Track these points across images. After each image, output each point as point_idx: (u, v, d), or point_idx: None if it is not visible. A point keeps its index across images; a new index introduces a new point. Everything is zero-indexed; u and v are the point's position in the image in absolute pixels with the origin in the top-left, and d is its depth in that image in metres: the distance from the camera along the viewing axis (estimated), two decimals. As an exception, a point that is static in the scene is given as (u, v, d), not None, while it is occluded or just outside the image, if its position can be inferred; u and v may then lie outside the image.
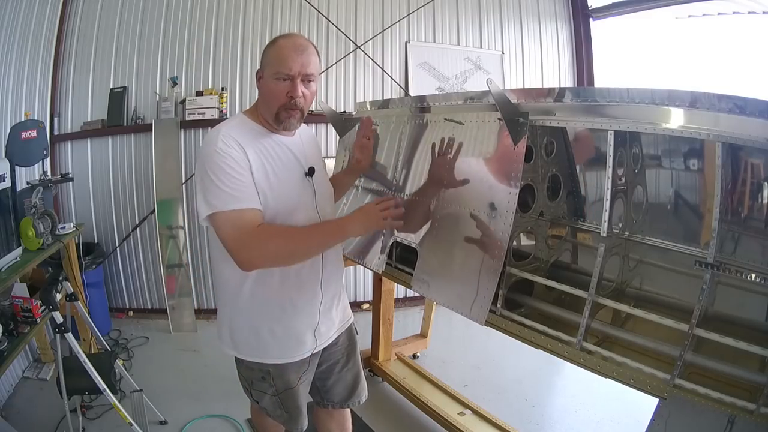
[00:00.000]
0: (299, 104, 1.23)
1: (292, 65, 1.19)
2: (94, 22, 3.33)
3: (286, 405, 1.43)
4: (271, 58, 1.23)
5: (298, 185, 1.29)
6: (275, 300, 1.30)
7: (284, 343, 1.34)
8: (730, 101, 0.99)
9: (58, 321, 1.86)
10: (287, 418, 1.47)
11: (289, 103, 1.22)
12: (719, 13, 3.27)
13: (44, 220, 2.34)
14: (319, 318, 1.38)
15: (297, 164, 1.30)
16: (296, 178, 1.29)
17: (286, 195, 1.25)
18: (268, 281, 1.28)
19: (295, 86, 1.21)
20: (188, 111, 3.31)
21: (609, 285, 1.43)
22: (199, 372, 2.74)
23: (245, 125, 1.26)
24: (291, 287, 1.31)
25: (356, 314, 1.69)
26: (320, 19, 3.52)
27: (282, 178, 1.25)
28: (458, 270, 1.56)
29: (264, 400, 1.44)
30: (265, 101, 1.25)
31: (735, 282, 1.15)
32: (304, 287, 1.33)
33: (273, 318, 1.31)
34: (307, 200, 1.31)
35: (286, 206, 1.24)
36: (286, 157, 1.28)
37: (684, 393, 1.06)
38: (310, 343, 1.38)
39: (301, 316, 1.35)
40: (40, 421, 2.22)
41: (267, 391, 1.41)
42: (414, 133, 1.85)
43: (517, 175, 1.39)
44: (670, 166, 1.48)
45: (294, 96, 1.21)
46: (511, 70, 3.96)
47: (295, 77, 1.20)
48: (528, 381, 2.67)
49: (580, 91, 1.32)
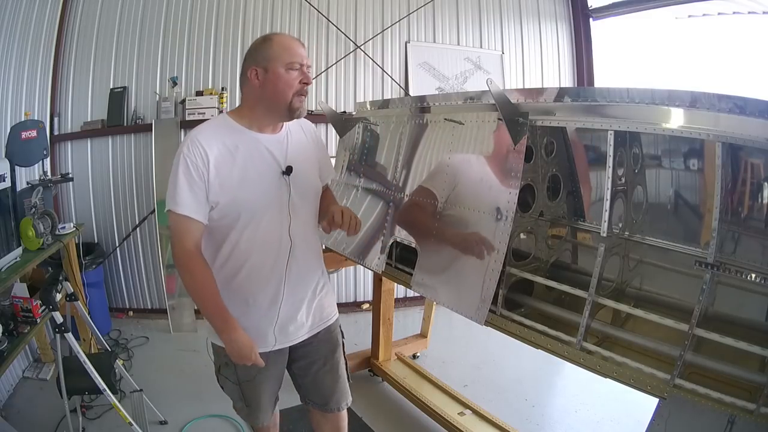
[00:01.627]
0: (307, 90, 1.33)
1: (302, 54, 1.30)
2: (94, 22, 3.33)
3: (246, 396, 1.49)
4: (276, 53, 1.28)
5: (272, 184, 1.32)
6: (239, 292, 1.35)
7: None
8: (730, 101, 0.99)
9: (58, 321, 1.86)
10: (247, 412, 1.53)
11: (302, 89, 1.30)
12: (719, 13, 3.27)
13: (44, 220, 2.34)
14: (278, 317, 1.39)
15: (273, 163, 1.33)
16: (269, 177, 1.32)
17: (253, 193, 1.29)
18: (235, 274, 1.34)
19: (305, 74, 1.30)
20: (188, 111, 3.31)
21: (609, 285, 1.43)
22: (199, 372, 2.73)
23: (223, 126, 1.32)
24: (253, 283, 1.35)
25: (356, 314, 1.69)
26: (320, 19, 3.52)
27: (251, 177, 1.29)
28: (458, 270, 1.56)
29: (227, 387, 1.50)
30: (275, 93, 1.29)
31: (735, 282, 1.15)
32: (266, 286, 1.37)
33: (237, 309, 1.33)
34: (280, 199, 1.34)
35: (253, 204, 1.30)
36: (261, 156, 1.32)
37: (684, 393, 1.06)
38: (271, 340, 1.41)
39: (260, 312, 1.38)
40: (40, 421, 2.22)
41: (230, 378, 1.47)
42: (414, 133, 1.85)
43: (517, 175, 1.39)
44: (670, 166, 1.48)
45: (308, 82, 1.31)
46: (511, 70, 3.96)
47: (303, 65, 1.30)
48: (528, 381, 2.67)
49: (580, 91, 1.32)
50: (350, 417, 2.10)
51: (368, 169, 2.04)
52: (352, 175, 2.16)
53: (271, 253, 1.35)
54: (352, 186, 2.15)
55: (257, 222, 1.31)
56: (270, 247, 1.34)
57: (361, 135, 2.18)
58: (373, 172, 2.00)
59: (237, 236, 1.31)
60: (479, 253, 1.49)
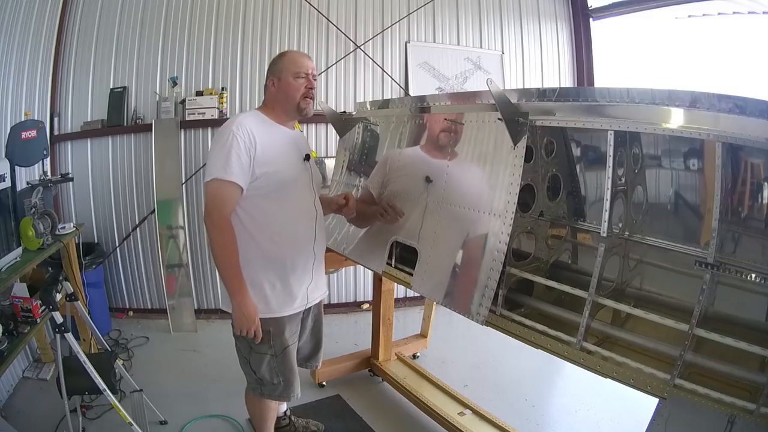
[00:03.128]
0: (313, 94, 1.63)
1: (307, 66, 1.63)
2: (94, 22, 3.33)
3: (282, 369, 1.67)
4: (287, 65, 1.62)
5: (299, 164, 1.65)
6: (277, 257, 1.58)
7: (281, 298, 1.61)
8: (730, 101, 1.00)
9: (58, 321, 1.86)
10: (283, 387, 1.69)
11: (308, 92, 1.61)
12: (719, 13, 3.27)
13: (44, 220, 2.34)
14: (312, 276, 1.67)
15: (297, 150, 1.65)
16: (297, 159, 1.64)
17: (289, 166, 1.60)
18: (273, 240, 1.57)
19: (310, 80, 1.62)
20: (188, 111, 3.30)
21: (609, 285, 1.43)
22: (199, 372, 2.74)
23: (258, 117, 1.61)
24: (290, 247, 1.61)
25: (356, 314, 1.73)
26: (320, 19, 3.52)
27: (286, 154, 1.60)
28: (458, 270, 1.56)
29: (263, 366, 1.65)
30: (286, 97, 1.61)
31: (735, 282, 1.15)
32: (301, 248, 1.64)
33: (275, 273, 1.59)
34: (305, 177, 1.66)
35: (288, 177, 1.58)
36: (289, 142, 1.64)
37: (684, 393, 1.06)
38: (301, 299, 1.66)
39: (297, 273, 1.63)
40: (40, 421, 2.22)
41: (267, 352, 1.63)
42: (414, 133, 1.86)
43: (517, 175, 1.39)
44: (670, 166, 1.48)
45: (312, 87, 1.62)
46: (511, 70, 3.96)
47: (309, 74, 1.62)
48: (528, 381, 2.67)
49: (580, 91, 1.32)
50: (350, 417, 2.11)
51: (368, 169, 2.04)
52: (352, 175, 2.16)
53: (304, 219, 1.64)
54: (352, 186, 2.15)
55: (293, 192, 1.60)
56: (304, 215, 1.64)
57: (361, 135, 2.18)
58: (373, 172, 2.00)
59: (278, 205, 1.57)
60: (479, 253, 1.49)
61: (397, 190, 1.86)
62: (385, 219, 1.82)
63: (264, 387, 1.69)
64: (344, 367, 2.63)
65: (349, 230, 2.08)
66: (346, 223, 2.09)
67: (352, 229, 2.06)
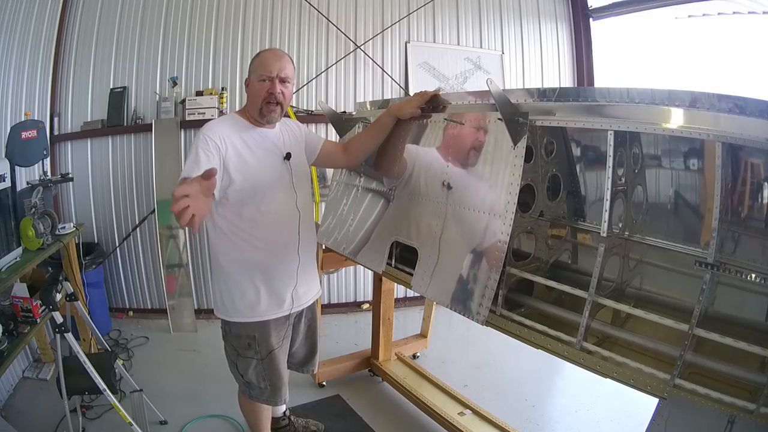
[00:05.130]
0: (278, 99, 1.53)
1: (272, 69, 1.52)
2: (94, 22, 3.33)
3: (269, 374, 1.65)
4: (255, 66, 1.56)
5: (276, 166, 1.58)
6: (260, 262, 1.56)
7: (267, 301, 1.59)
8: (730, 101, 0.99)
9: (58, 321, 1.86)
10: (269, 392, 1.68)
11: (269, 97, 1.52)
12: (719, 13, 3.27)
13: (44, 220, 2.34)
14: (297, 279, 1.63)
15: (276, 150, 1.59)
16: (274, 161, 1.57)
17: (263, 172, 1.54)
18: (254, 246, 1.54)
19: (273, 85, 1.52)
20: (188, 111, 3.31)
21: (609, 285, 1.43)
22: (199, 372, 2.74)
23: (233, 120, 1.58)
24: (271, 252, 1.57)
25: (356, 314, 1.73)
26: (320, 19, 3.52)
27: (260, 159, 1.54)
28: (458, 270, 1.56)
29: (249, 370, 1.64)
30: (251, 100, 1.57)
31: (735, 282, 1.15)
32: (283, 252, 1.60)
33: (259, 278, 1.57)
34: (284, 179, 1.59)
35: (263, 181, 1.53)
36: (265, 144, 1.57)
37: (684, 393, 1.06)
38: (288, 303, 1.63)
39: (281, 277, 1.60)
40: (40, 421, 2.22)
41: (253, 357, 1.62)
42: (414, 133, 1.85)
43: (517, 175, 1.39)
44: (670, 166, 1.48)
45: (273, 92, 1.51)
46: (511, 70, 3.96)
47: (274, 78, 1.52)
48: (528, 381, 2.67)
49: (580, 91, 1.32)
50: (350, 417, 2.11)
51: (368, 169, 2.04)
52: (352, 175, 2.16)
53: (285, 222, 1.59)
54: (352, 186, 2.15)
55: (271, 196, 1.54)
56: (284, 218, 1.59)
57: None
58: (374, 172, 2.00)
59: (256, 210, 1.52)
60: (479, 253, 1.49)
61: (397, 190, 1.86)
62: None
63: (252, 390, 1.69)
64: (344, 367, 2.63)
65: (349, 230, 2.08)
66: (346, 223, 2.09)
67: (352, 229, 2.06)
